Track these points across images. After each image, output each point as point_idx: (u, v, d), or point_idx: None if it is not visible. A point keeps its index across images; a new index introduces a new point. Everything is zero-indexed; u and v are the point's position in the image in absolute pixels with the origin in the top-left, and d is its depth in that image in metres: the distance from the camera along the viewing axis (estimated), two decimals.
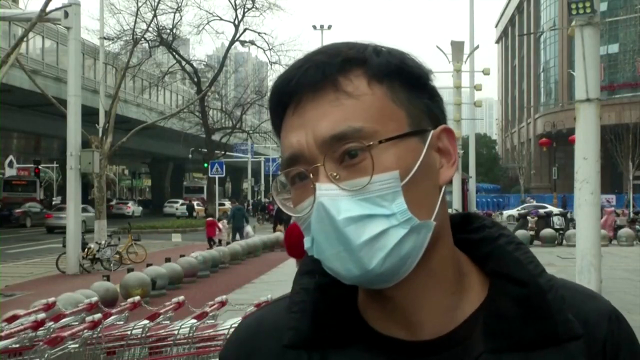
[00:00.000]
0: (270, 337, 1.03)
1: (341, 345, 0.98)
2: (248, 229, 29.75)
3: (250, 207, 57.42)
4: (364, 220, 0.88)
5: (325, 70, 0.92)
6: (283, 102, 0.95)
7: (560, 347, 0.95)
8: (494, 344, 0.95)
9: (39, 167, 52.72)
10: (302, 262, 1.07)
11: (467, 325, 0.97)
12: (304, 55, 0.98)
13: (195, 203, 58.88)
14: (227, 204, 47.75)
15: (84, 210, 29.96)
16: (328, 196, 0.88)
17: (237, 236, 28.62)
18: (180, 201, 64.39)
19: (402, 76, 0.95)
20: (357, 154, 0.89)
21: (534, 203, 48.92)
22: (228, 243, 24.26)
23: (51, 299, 7.65)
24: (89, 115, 24.72)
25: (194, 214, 55.22)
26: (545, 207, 41.30)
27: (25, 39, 20.74)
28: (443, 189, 0.97)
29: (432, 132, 0.96)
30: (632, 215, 34.88)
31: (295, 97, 0.93)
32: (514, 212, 44.86)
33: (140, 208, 59.67)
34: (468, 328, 0.97)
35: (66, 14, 19.85)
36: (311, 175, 0.90)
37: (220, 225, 28.42)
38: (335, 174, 0.89)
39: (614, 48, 65.45)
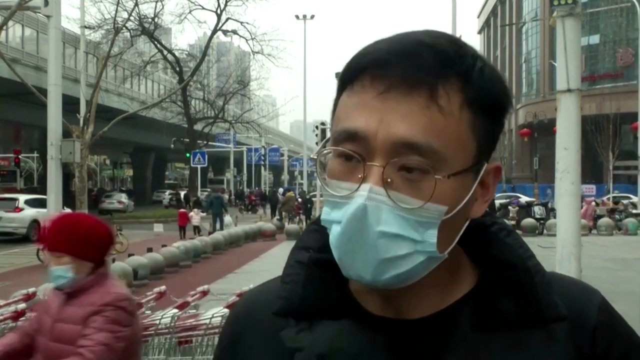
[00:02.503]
0: (266, 307, 1.05)
1: (329, 316, 0.99)
2: (227, 218, 29.86)
3: (232, 196, 57.30)
4: (396, 239, 0.88)
5: (430, 73, 0.88)
6: (367, 78, 0.90)
7: (545, 328, 0.96)
8: (481, 323, 0.96)
9: (19, 156, 52.27)
10: (300, 238, 1.08)
11: (456, 306, 0.99)
12: (407, 38, 0.92)
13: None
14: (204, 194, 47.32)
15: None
16: (374, 201, 0.86)
17: (218, 224, 28.87)
18: (168, 191, 64.11)
19: (491, 106, 0.93)
20: (415, 171, 0.87)
21: (507, 193, 49.14)
22: (210, 233, 24.24)
23: (32, 289, 7.59)
24: (69, 104, 24.52)
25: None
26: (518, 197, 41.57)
27: (4, 28, 20.47)
28: (467, 222, 0.96)
29: (486, 166, 0.94)
30: (611, 204, 35.12)
31: (384, 82, 0.89)
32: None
33: (132, 202, 54.05)
34: (457, 309, 0.98)
35: (46, 2, 19.60)
36: (365, 167, 0.88)
37: (192, 213, 28.82)
38: (389, 179, 0.87)
39: (594, 39, 65.74)
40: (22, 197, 28.30)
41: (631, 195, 41.69)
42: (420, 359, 0.96)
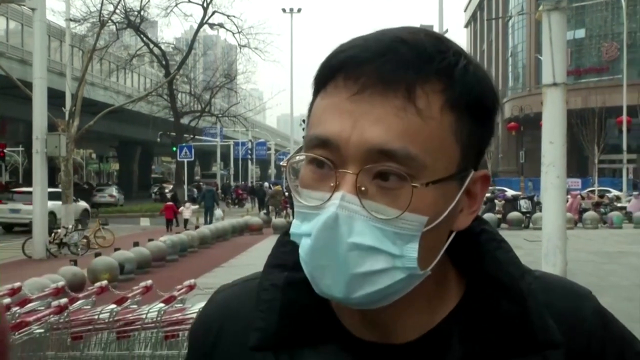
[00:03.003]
0: (239, 321, 1.00)
1: (311, 344, 0.93)
2: (218, 212, 30.31)
3: (219, 190, 57.20)
4: (371, 251, 0.81)
5: (407, 72, 0.82)
6: (344, 75, 0.84)
7: (538, 355, 0.91)
8: (471, 349, 0.91)
9: (4, 150, 51.88)
10: (271, 254, 1.01)
11: (442, 327, 0.93)
12: (385, 35, 0.86)
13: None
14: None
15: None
16: (347, 210, 0.80)
17: (209, 216, 29.63)
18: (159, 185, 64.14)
19: (475, 107, 0.86)
20: (390, 178, 0.81)
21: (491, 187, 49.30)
22: (197, 227, 24.21)
23: (17, 284, 7.55)
24: (55, 98, 24.39)
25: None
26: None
27: None
28: (452, 235, 0.89)
29: (472, 174, 0.88)
30: (596, 198, 35.34)
31: (359, 82, 0.82)
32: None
33: (123, 195, 53.88)
34: (443, 331, 0.93)
35: None
36: (337, 175, 0.81)
37: (183, 207, 29.42)
38: (363, 188, 0.81)
39: (580, 33, 66.00)
40: None
41: (611, 189, 41.98)
42: None
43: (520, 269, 0.94)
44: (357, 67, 0.83)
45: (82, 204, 33.19)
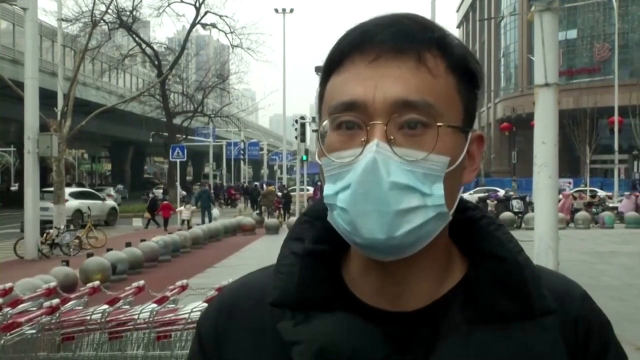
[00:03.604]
0: (253, 297, 1.06)
1: (325, 309, 0.99)
2: (215, 211, 31.34)
3: (212, 190, 57.13)
4: (407, 190, 0.90)
5: (414, 39, 0.93)
6: (356, 52, 0.95)
7: (535, 321, 0.98)
8: (472, 315, 0.98)
9: None
10: (292, 229, 1.08)
11: (447, 298, 1.00)
12: (384, 16, 0.98)
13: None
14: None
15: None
16: (382, 155, 0.89)
17: (206, 216, 30.35)
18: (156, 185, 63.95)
19: (467, 74, 0.98)
20: (417, 126, 0.91)
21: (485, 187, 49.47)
22: (189, 227, 24.17)
23: (8, 285, 7.53)
24: (47, 98, 24.31)
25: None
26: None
27: None
28: (461, 188, 1.00)
29: (471, 133, 0.99)
30: (588, 198, 35.44)
31: (374, 51, 0.93)
32: (474, 196, 45.37)
33: (120, 195, 54.01)
34: (448, 301, 1.00)
35: None
36: (367, 129, 0.90)
37: (182, 208, 30.02)
38: (392, 137, 0.90)
39: (572, 34, 66.20)
40: (68, 190, 29.87)
41: (596, 189, 42.07)
42: (416, 350, 0.98)
43: (517, 246, 1.03)
44: (371, 39, 0.93)
45: (110, 202, 35.73)
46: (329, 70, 0.98)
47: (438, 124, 0.91)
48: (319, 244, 1.01)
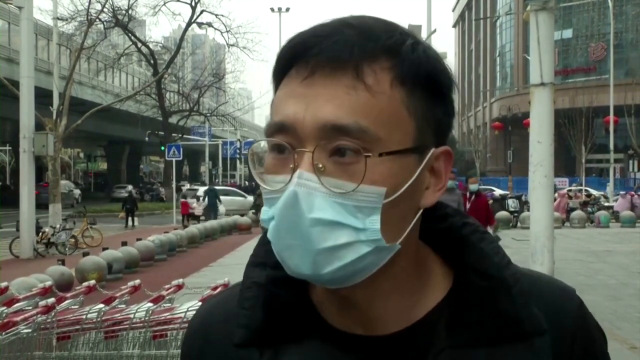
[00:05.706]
0: (219, 332, 1.00)
1: (295, 339, 0.93)
2: (221, 208, 33.17)
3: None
4: (333, 226, 0.82)
5: (353, 52, 0.83)
6: (294, 64, 0.86)
7: (525, 342, 0.91)
8: (457, 339, 0.91)
9: None
10: (253, 254, 1.01)
11: (428, 319, 0.93)
12: (332, 21, 0.88)
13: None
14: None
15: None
16: (305, 187, 0.81)
17: (212, 213, 31.74)
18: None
19: (426, 84, 0.87)
20: (347, 154, 0.82)
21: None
22: (185, 226, 24.17)
23: (4, 284, 7.51)
24: (42, 97, 24.29)
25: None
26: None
27: None
28: (419, 212, 0.90)
29: (432, 151, 0.89)
30: (584, 197, 35.49)
31: (309, 65, 0.84)
32: None
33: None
34: (430, 322, 0.93)
35: None
36: (295, 156, 0.83)
37: (195, 205, 33.14)
38: (321, 165, 0.82)
39: (567, 33, 66.31)
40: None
41: (589, 189, 42.12)
42: None
43: (504, 258, 0.95)
44: (306, 53, 0.85)
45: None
46: (275, 83, 0.90)
47: (365, 154, 0.81)
48: (281, 269, 0.89)
